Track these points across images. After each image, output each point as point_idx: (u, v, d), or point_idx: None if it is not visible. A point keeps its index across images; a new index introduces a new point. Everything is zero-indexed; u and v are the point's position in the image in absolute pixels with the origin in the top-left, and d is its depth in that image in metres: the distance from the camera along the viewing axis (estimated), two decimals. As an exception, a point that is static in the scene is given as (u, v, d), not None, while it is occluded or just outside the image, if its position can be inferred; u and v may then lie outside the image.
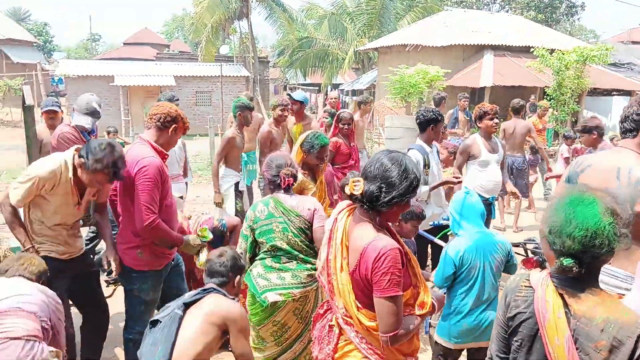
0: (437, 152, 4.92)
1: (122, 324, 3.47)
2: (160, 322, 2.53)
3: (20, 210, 3.30)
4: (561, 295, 1.71)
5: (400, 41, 18.87)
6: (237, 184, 5.88)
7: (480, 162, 5.26)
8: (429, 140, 4.65)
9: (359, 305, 2.15)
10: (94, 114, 4.46)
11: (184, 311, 2.52)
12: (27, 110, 4.59)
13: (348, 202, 2.26)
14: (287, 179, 3.23)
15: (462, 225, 3.21)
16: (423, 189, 4.54)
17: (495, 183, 5.29)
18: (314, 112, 22.67)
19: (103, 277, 3.99)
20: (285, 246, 3.18)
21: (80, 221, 3.56)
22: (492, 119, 5.11)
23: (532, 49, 14.85)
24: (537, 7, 33.67)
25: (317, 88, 28.90)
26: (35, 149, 4.66)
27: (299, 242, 3.19)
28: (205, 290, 2.66)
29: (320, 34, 26.63)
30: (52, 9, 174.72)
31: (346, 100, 27.78)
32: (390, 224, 2.25)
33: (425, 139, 4.65)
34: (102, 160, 3.01)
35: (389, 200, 2.06)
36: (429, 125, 4.59)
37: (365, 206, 2.12)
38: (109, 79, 21.47)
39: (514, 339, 1.83)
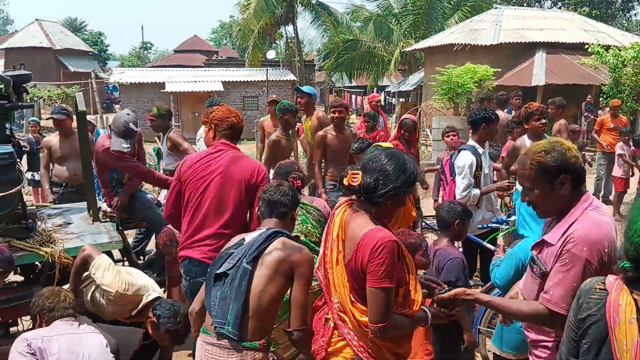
0: (489, 153, 4.79)
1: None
2: (227, 274, 2.40)
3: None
4: (635, 300, 1.63)
5: (447, 41, 18.53)
6: None
7: None
8: (481, 141, 4.52)
9: (353, 299, 2.18)
10: (131, 134, 4.43)
11: (253, 265, 2.38)
12: (80, 116, 4.73)
13: (345, 199, 2.35)
14: (295, 182, 3.45)
15: (531, 226, 3.04)
16: (474, 192, 4.41)
17: None
18: (359, 115, 22.57)
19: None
20: (302, 237, 3.20)
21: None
22: (539, 119, 4.91)
23: (586, 46, 14.29)
24: (592, 3, 32.44)
25: (362, 90, 28.79)
26: (88, 153, 4.80)
27: (317, 234, 3.32)
28: (268, 236, 2.46)
29: (366, 36, 26.49)
30: (107, 19, 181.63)
31: (392, 102, 27.57)
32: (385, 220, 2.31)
33: (478, 138, 4.52)
34: (173, 332, 3.18)
35: (385, 192, 2.13)
36: (481, 125, 4.46)
37: (362, 198, 2.19)
38: (160, 85, 22.08)
39: (583, 341, 1.75)
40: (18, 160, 3.70)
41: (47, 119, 5.90)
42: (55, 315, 2.94)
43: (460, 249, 4.62)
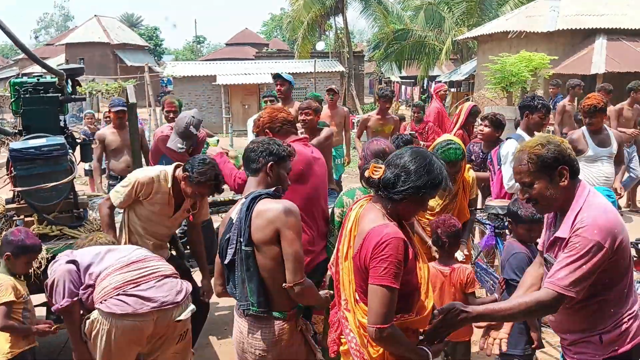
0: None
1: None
2: (235, 261, 2.43)
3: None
4: None
5: (502, 28, 17.93)
6: None
7: (587, 158, 4.83)
8: (528, 130, 4.36)
9: (358, 297, 2.09)
10: (189, 137, 4.46)
11: (251, 243, 2.36)
12: (131, 108, 4.86)
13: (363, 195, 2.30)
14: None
15: None
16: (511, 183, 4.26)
17: (606, 178, 4.80)
18: (409, 105, 22.24)
19: None
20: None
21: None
22: (585, 117, 4.67)
23: (652, 31, 13.51)
24: (659, -15, 30.65)
25: (412, 81, 28.35)
26: (138, 144, 4.93)
27: None
28: (247, 209, 2.39)
29: (417, 25, 26.01)
30: (161, 13, 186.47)
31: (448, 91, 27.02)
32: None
33: (524, 127, 4.38)
34: (206, 174, 3.22)
35: (403, 190, 2.01)
36: (524, 113, 4.34)
37: (380, 192, 2.08)
38: (211, 78, 22.49)
39: None
40: (71, 151, 3.82)
41: (107, 112, 6.06)
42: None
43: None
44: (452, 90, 25.60)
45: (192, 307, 2.77)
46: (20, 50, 3.73)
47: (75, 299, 2.67)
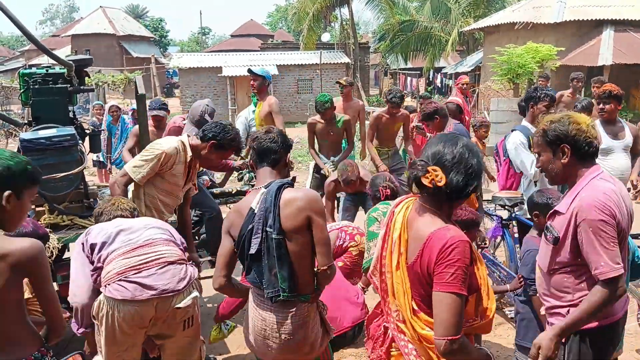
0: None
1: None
2: (261, 250, 2.42)
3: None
4: None
5: (508, 19, 17.85)
6: (317, 167, 6.21)
7: (600, 151, 4.78)
8: (532, 121, 4.37)
9: (416, 307, 1.95)
10: (202, 125, 4.40)
11: (282, 231, 2.39)
12: (140, 99, 4.88)
13: (403, 196, 2.15)
14: (384, 191, 3.78)
15: None
16: (533, 170, 4.26)
17: (621, 172, 4.61)
18: (414, 97, 22.19)
19: None
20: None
21: None
22: (598, 103, 4.61)
23: (660, 22, 13.41)
24: (668, -25, 30.34)
25: (418, 72, 28.24)
26: (147, 135, 4.95)
27: None
28: (274, 198, 2.40)
29: (423, 16, 25.91)
30: (167, 5, 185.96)
31: (449, 84, 26.92)
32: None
33: (529, 119, 4.40)
34: (236, 139, 3.47)
35: (472, 188, 1.92)
36: (528, 104, 4.36)
37: (441, 197, 1.92)
38: (217, 70, 22.48)
39: None
40: (80, 142, 3.86)
41: (151, 116, 5.96)
42: (103, 219, 3.05)
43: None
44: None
45: (194, 294, 2.78)
46: (30, 41, 3.75)
47: (90, 330, 2.77)
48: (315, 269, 2.48)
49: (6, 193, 1.87)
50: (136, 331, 2.72)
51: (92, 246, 2.80)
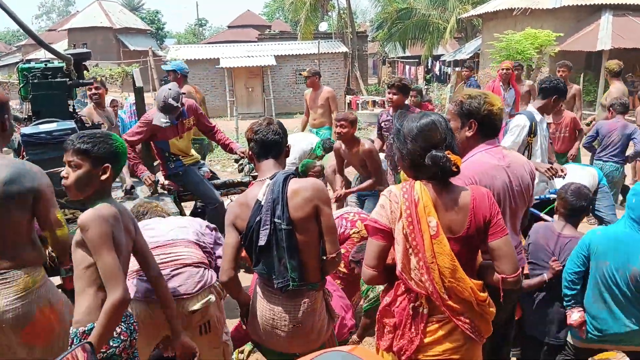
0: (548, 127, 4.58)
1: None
2: (269, 242, 2.42)
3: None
4: None
5: (506, 5, 17.74)
6: None
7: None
8: (544, 109, 4.29)
9: (461, 276, 2.09)
10: (170, 110, 4.39)
11: (289, 221, 2.40)
12: (138, 91, 4.90)
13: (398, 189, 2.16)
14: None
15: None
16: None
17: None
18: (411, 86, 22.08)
19: None
20: None
21: None
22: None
23: (659, 5, 13.34)
24: (667, -42, 30.12)
25: (417, 60, 28.15)
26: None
27: None
28: (281, 188, 2.41)
29: (420, 3, 25.78)
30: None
31: (448, 72, 26.84)
32: None
33: (541, 106, 4.29)
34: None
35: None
36: (553, 95, 4.21)
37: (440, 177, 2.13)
38: (214, 61, 22.39)
39: None
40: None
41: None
42: (145, 219, 3.11)
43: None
44: (457, 69, 25.42)
45: (209, 298, 2.74)
46: (28, 36, 3.75)
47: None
48: (324, 257, 2.50)
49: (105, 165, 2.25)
50: (149, 331, 2.68)
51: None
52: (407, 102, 5.70)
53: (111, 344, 2.14)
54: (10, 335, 2.37)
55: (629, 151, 6.11)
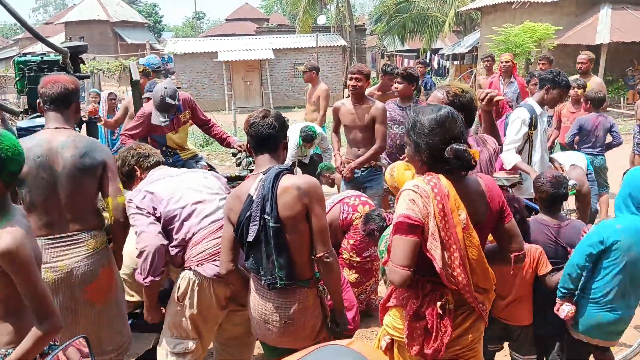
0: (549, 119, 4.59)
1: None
2: (258, 238, 2.40)
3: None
4: None
5: (505, -1, 17.72)
6: None
7: None
8: (541, 101, 4.28)
9: (485, 266, 2.17)
10: (167, 108, 4.35)
11: (279, 219, 2.37)
12: (135, 85, 4.86)
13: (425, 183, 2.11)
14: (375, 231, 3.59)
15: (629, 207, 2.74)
16: (511, 158, 4.26)
17: None
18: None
19: None
20: None
21: None
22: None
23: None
24: (666, -49, 30.03)
25: (415, 54, 28.08)
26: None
27: None
28: (272, 186, 2.36)
29: (419, -4, 25.71)
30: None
31: (446, 65, 26.79)
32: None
33: (538, 98, 4.28)
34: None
35: None
36: (544, 86, 4.22)
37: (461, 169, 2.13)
38: (212, 55, 22.33)
39: None
40: (77, 129, 3.84)
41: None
42: (151, 162, 3.13)
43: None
44: (456, 63, 25.40)
45: None
46: (24, 29, 3.73)
47: (159, 278, 2.69)
48: (313, 257, 2.45)
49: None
50: (219, 312, 2.79)
51: (169, 214, 2.75)
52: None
53: None
54: (77, 291, 2.66)
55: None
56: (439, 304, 2.10)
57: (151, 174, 3.01)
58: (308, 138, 6.22)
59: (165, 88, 4.37)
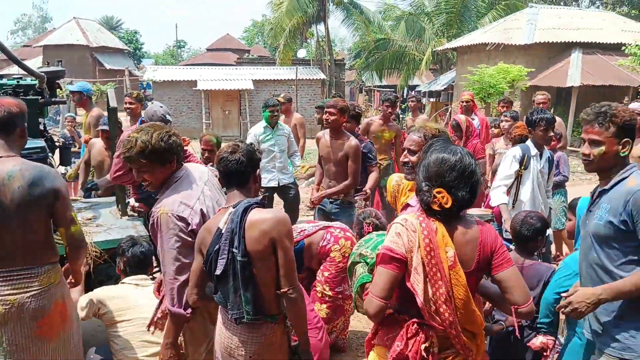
0: (554, 161, 4.76)
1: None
2: (226, 272, 2.37)
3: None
4: None
5: (480, 40, 18.25)
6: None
7: None
8: (537, 142, 4.45)
9: (473, 308, 2.12)
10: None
11: (246, 254, 2.34)
12: (112, 111, 4.83)
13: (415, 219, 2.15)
14: (367, 228, 3.62)
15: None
16: (498, 198, 4.34)
17: None
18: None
19: None
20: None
21: None
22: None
23: (624, 47, 13.88)
24: (631, 2, 31.46)
25: (392, 90, 28.57)
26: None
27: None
28: (240, 220, 2.35)
29: (397, 35, 26.30)
30: (142, 17, 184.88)
31: (423, 102, 27.29)
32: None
33: (533, 140, 4.48)
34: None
35: (476, 194, 2.14)
36: (533, 126, 4.41)
37: (450, 213, 2.11)
38: (192, 83, 22.37)
39: None
40: (50, 154, 3.79)
41: (97, 129, 5.82)
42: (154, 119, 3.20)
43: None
44: (432, 100, 25.91)
45: None
46: (1, 50, 3.69)
47: (190, 311, 2.60)
48: (278, 292, 2.42)
49: None
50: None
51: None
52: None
53: None
54: (28, 326, 2.57)
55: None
56: (423, 346, 2.09)
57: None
58: (272, 101, 6.63)
59: (161, 107, 4.41)
